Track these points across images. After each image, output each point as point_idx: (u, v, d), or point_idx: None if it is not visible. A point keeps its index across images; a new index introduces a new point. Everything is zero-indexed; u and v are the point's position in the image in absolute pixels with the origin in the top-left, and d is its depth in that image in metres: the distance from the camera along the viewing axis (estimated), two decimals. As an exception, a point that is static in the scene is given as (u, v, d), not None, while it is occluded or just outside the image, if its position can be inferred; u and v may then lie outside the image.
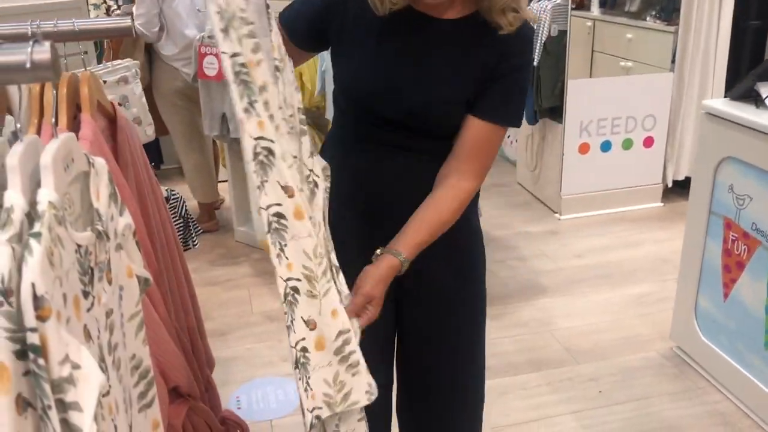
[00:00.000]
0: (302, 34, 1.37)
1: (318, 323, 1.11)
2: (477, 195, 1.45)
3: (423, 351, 1.53)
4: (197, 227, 2.62)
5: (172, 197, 2.50)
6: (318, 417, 1.14)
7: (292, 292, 1.10)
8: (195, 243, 2.60)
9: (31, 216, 0.58)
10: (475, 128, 1.30)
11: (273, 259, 1.10)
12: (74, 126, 1.09)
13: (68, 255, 0.61)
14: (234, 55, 1.00)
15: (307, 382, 1.12)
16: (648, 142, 3.94)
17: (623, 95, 3.81)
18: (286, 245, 1.09)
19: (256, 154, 1.05)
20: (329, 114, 2.83)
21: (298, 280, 1.10)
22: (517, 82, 1.31)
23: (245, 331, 2.93)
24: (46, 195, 0.58)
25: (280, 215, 1.07)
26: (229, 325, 2.98)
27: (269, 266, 1.29)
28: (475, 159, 1.31)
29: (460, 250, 1.46)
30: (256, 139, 1.04)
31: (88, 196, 0.70)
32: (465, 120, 1.30)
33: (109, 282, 0.72)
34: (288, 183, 1.06)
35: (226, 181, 3.76)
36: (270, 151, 1.06)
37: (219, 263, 3.55)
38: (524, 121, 2.16)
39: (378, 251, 1.28)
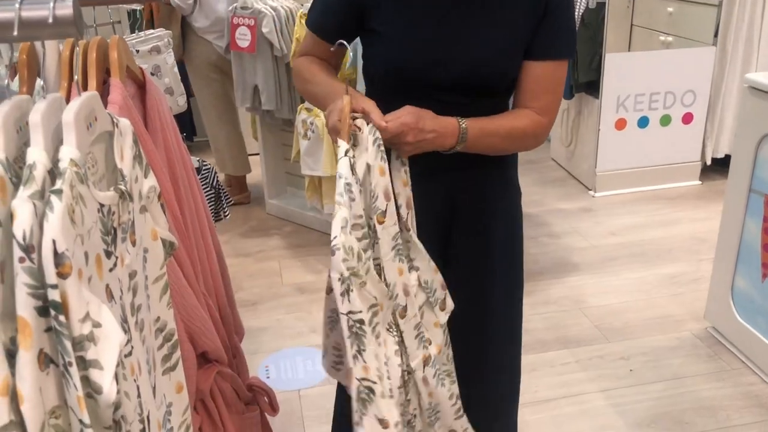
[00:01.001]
0: (334, 26, 1.34)
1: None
2: (516, 159, 1.45)
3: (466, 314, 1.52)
4: (228, 198, 2.63)
5: (204, 168, 2.51)
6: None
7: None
8: (226, 214, 2.61)
9: (53, 173, 0.57)
10: (534, 71, 1.29)
11: None
12: (103, 90, 1.09)
13: (90, 214, 0.60)
14: (350, 312, 1.04)
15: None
16: (687, 118, 3.85)
17: (662, 70, 3.71)
18: None
19: (359, 393, 1.08)
20: (360, 86, 2.80)
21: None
22: (562, 17, 1.30)
23: (275, 302, 2.95)
24: (68, 152, 0.58)
25: None
26: (260, 295, 3.01)
27: (300, 239, 1.29)
28: (543, 97, 1.31)
29: (507, 205, 1.45)
30: (359, 380, 1.08)
31: (112, 156, 0.70)
32: (523, 68, 1.29)
33: (133, 243, 0.71)
34: (384, 416, 1.09)
35: (257, 154, 3.77)
36: (371, 390, 1.09)
37: (250, 235, 3.58)
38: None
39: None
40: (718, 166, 3.96)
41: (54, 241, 0.53)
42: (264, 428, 1.52)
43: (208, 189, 2.51)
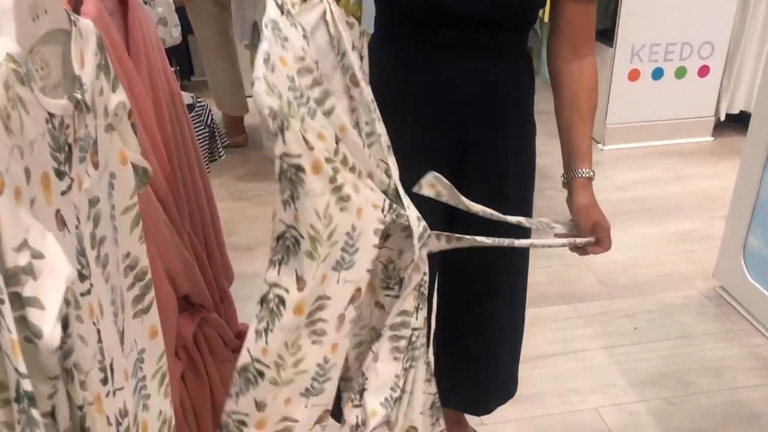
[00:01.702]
0: None
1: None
2: (533, 90, 1.39)
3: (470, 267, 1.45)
4: (223, 137, 2.52)
5: (198, 105, 2.39)
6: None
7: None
8: (221, 154, 2.50)
9: (-14, 70, 0.47)
10: (572, 10, 1.24)
11: None
12: (75, 3, 0.97)
13: (35, 123, 0.50)
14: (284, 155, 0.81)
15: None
16: (703, 71, 3.70)
17: (681, 19, 3.54)
18: None
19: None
20: (365, 24, 2.66)
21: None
22: None
23: (271, 247, 2.86)
24: (4, 45, 0.47)
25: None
26: (255, 240, 2.92)
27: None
28: (586, 37, 1.27)
29: (524, 152, 1.41)
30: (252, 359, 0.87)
31: (70, 61, 0.59)
32: (559, 7, 1.25)
33: (95, 166, 0.61)
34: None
35: (256, 94, 3.63)
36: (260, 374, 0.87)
37: (247, 178, 3.47)
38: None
39: (563, 177, 1.33)
40: (732, 123, 3.83)
41: (-21, 152, 0.42)
42: (253, 377, 1.45)
43: (202, 127, 2.39)
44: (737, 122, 3.79)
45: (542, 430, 1.93)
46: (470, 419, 1.88)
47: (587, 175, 1.28)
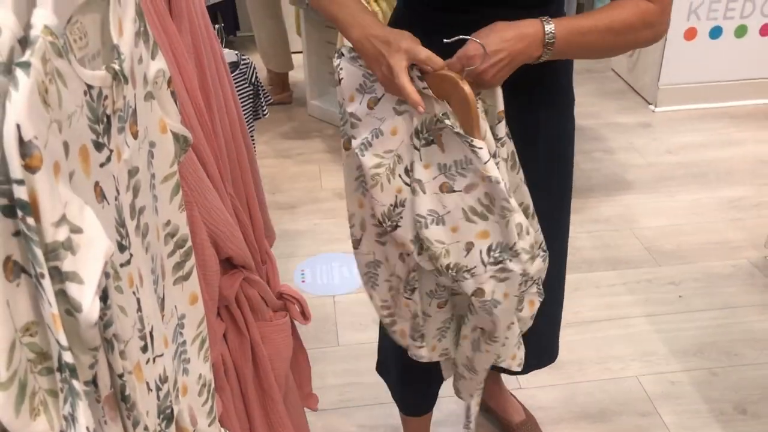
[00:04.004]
0: None
1: None
2: (569, 65, 1.28)
3: None
4: (267, 96, 2.51)
5: (243, 62, 2.38)
6: None
7: None
8: (265, 112, 2.50)
9: (25, 43, 0.47)
10: None
11: None
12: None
13: (73, 96, 0.50)
14: None
15: None
16: (765, 30, 3.53)
17: (743, -26, 3.38)
18: None
19: None
20: None
21: None
22: None
23: (313, 206, 2.88)
24: (42, 17, 0.46)
25: None
26: (299, 198, 2.94)
27: (341, 142, 1.18)
28: None
29: (556, 114, 1.30)
30: None
31: (108, 30, 0.59)
32: None
33: (134, 136, 0.61)
34: None
35: (300, 52, 3.61)
36: None
37: (291, 136, 3.48)
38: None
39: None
40: (794, 84, 3.67)
41: (18, 126, 0.42)
42: (294, 336, 1.47)
43: (246, 85, 2.39)
44: (799, 84, 3.63)
45: (581, 397, 1.93)
46: (507, 383, 1.89)
47: (543, 23, 1.05)
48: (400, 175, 1.16)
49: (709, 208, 2.80)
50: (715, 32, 3.51)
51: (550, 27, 1.04)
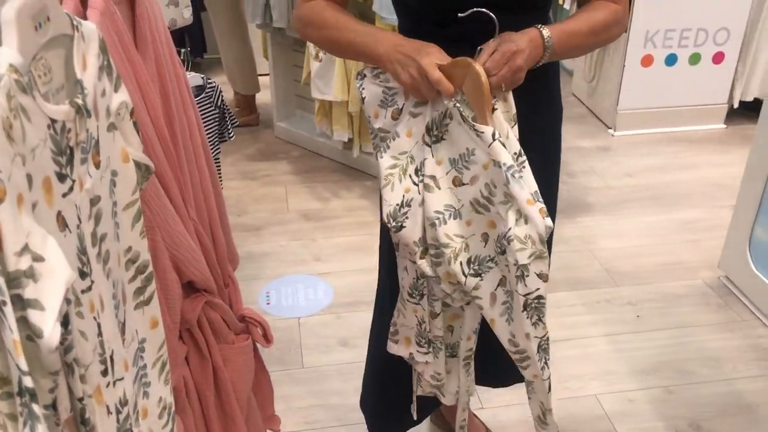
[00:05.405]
0: None
1: None
2: (558, 69, 1.36)
3: None
4: (233, 118, 2.53)
5: (209, 86, 2.40)
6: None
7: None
8: (231, 135, 2.52)
9: (-10, 80, 0.49)
10: None
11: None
12: (84, -7, 0.99)
13: (37, 130, 0.52)
14: None
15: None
16: (718, 57, 3.66)
17: (696, 4, 3.50)
18: None
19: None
20: (376, 6, 2.66)
21: None
22: None
23: (279, 227, 2.90)
24: (6, 56, 0.49)
25: None
26: (264, 220, 2.95)
27: (308, 165, 1.22)
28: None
29: (548, 122, 1.39)
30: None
31: (72, 65, 0.61)
32: None
33: (97, 165, 0.63)
34: None
35: (267, 74, 3.65)
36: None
37: (257, 158, 3.49)
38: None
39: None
40: (746, 110, 3.79)
41: (-17, 161, 0.45)
42: (257, 359, 1.48)
43: (212, 109, 2.41)
44: (750, 110, 3.76)
45: (541, 416, 1.96)
46: (471, 403, 1.91)
47: (541, 31, 1.15)
48: (410, 175, 1.20)
49: (665, 230, 2.88)
50: (671, 59, 3.63)
51: (546, 32, 1.15)
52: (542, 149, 1.37)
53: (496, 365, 1.62)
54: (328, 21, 1.24)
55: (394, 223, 1.21)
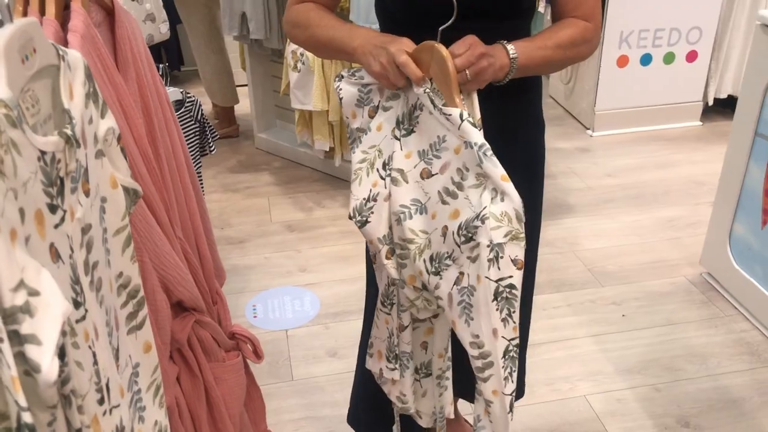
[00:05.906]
0: None
1: None
2: (541, 87, 1.39)
3: None
4: (214, 132, 2.53)
5: (188, 100, 2.39)
6: None
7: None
8: (212, 148, 2.51)
9: (-21, 116, 0.49)
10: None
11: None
12: (65, 17, 0.98)
13: (27, 163, 0.52)
14: None
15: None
16: (691, 56, 3.72)
17: (669, 5, 3.55)
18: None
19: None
20: (353, 15, 2.66)
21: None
22: None
23: (263, 239, 2.89)
24: (-4, 91, 0.49)
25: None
26: (248, 233, 2.94)
27: (290, 175, 1.21)
28: (583, 3, 1.25)
29: (528, 136, 1.41)
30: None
31: (59, 94, 0.61)
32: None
33: (86, 193, 0.63)
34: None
35: (246, 85, 3.64)
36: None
37: (239, 170, 3.48)
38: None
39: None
40: (721, 107, 3.86)
41: (-24, 199, 0.45)
42: (248, 375, 1.48)
43: (193, 123, 2.40)
44: (725, 107, 3.83)
45: (532, 419, 1.97)
46: (461, 408, 1.92)
47: (506, 46, 1.15)
48: (378, 169, 1.19)
49: (647, 229, 2.91)
50: (646, 59, 3.68)
51: (510, 46, 1.15)
52: (527, 163, 1.38)
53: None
54: (312, 20, 1.26)
55: (359, 218, 1.20)
